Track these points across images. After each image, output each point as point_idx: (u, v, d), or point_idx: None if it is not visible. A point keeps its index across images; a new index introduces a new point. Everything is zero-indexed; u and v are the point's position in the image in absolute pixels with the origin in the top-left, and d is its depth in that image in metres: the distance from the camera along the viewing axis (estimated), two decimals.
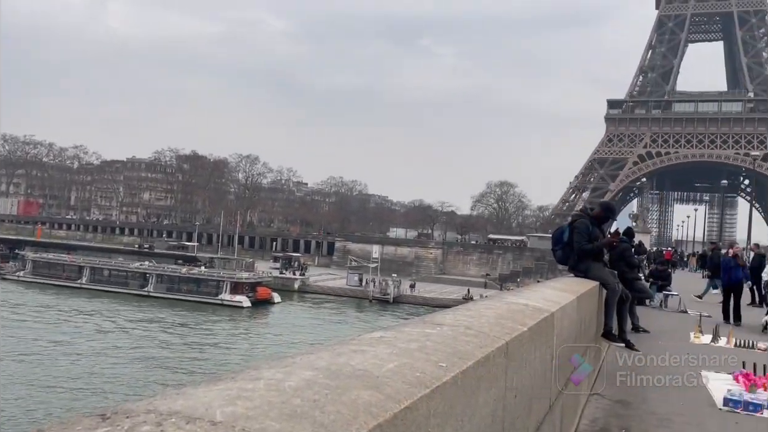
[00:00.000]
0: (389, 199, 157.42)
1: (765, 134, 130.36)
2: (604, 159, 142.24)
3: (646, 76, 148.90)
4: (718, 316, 13.59)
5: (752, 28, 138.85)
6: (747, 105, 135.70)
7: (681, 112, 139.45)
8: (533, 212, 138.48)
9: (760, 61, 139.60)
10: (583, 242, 7.78)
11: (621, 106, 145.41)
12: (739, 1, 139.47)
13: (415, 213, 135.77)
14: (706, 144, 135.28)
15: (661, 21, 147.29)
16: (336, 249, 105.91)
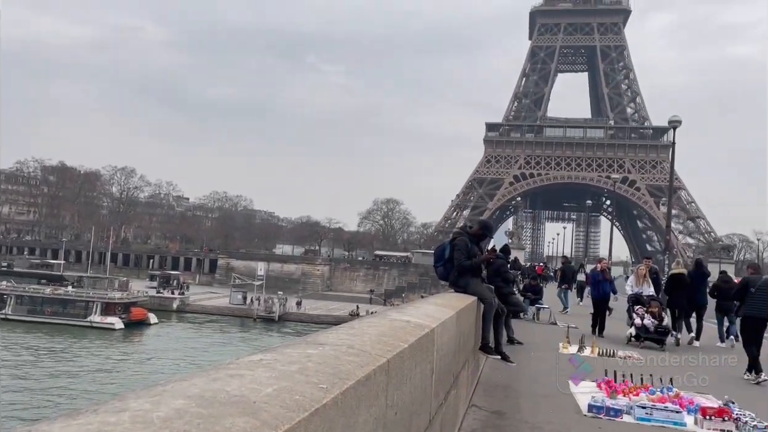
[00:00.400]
0: (276, 215, 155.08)
1: (623, 159, 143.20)
2: (483, 179, 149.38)
3: (521, 102, 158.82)
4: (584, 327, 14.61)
5: (613, 62, 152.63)
6: (608, 132, 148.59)
7: (551, 137, 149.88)
8: (418, 229, 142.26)
9: (619, 92, 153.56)
10: (463, 259, 8.07)
11: (498, 129, 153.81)
12: (601, 37, 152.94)
13: (302, 229, 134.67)
14: (573, 167, 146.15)
15: (533, 51, 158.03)
16: (219, 266, 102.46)
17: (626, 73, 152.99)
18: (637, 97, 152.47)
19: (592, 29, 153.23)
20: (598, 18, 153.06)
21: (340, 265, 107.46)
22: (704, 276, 15.52)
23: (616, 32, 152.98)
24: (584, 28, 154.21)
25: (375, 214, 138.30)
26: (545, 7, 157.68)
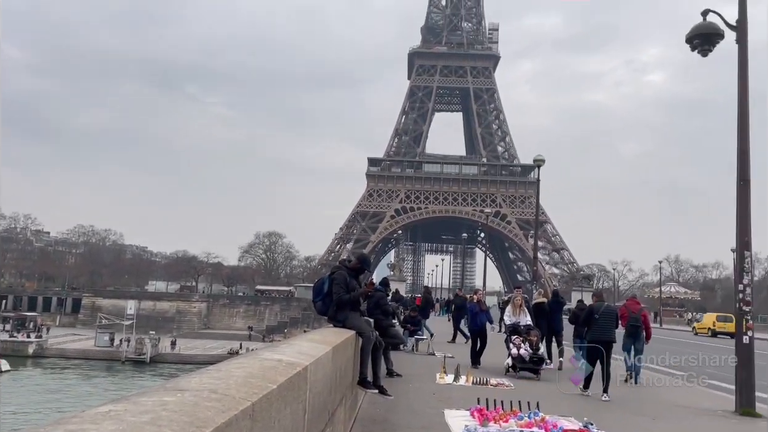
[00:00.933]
0: (149, 249, 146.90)
1: (495, 194, 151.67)
2: (365, 212, 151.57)
3: (401, 138, 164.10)
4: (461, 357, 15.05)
5: (484, 103, 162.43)
6: (481, 169, 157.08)
7: (430, 172, 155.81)
8: (301, 263, 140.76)
9: (491, 132, 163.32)
10: (342, 293, 8.08)
11: (380, 164, 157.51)
12: (474, 80, 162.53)
13: (177, 265, 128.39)
14: (450, 201, 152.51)
15: (412, 90, 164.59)
16: (83, 306, 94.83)
17: (497, 114, 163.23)
18: (507, 136, 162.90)
19: (465, 72, 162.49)
20: (471, 62, 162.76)
21: (218, 301, 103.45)
22: (560, 304, 17.06)
23: (487, 76, 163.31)
24: (458, 70, 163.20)
25: (257, 248, 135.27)
26: (423, 50, 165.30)
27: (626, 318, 13.58)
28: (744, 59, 10.48)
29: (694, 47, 10.79)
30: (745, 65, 10.47)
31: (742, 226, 9.89)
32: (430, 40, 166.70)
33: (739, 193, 9.98)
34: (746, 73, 10.47)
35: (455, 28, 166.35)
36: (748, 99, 10.49)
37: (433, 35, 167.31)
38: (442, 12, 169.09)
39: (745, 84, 10.44)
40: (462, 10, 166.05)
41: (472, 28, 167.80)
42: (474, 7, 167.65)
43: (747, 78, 10.50)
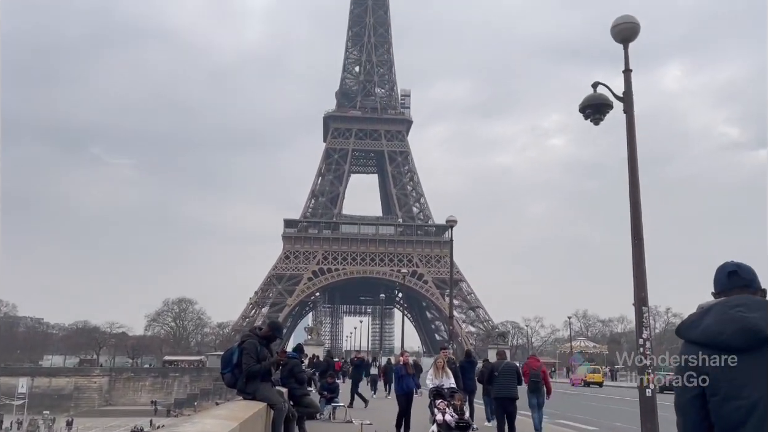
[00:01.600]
0: (45, 321, 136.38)
1: (411, 254, 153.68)
2: (282, 275, 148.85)
3: (318, 200, 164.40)
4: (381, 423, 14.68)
5: (399, 165, 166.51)
6: (397, 229, 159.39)
7: (347, 233, 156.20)
8: (213, 330, 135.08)
9: (405, 193, 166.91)
10: (252, 363, 7.77)
11: (296, 225, 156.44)
12: (388, 143, 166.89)
13: (77, 336, 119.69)
14: (367, 262, 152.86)
15: (328, 152, 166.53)
16: None
17: (411, 176, 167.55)
18: (421, 197, 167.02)
19: (380, 135, 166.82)
20: (385, 126, 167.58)
21: (122, 374, 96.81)
22: (472, 364, 17.88)
23: (400, 139, 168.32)
24: (373, 134, 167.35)
25: (165, 316, 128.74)
26: (338, 113, 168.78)
27: (528, 375, 14.50)
28: (631, 127, 11.35)
29: (586, 116, 11.59)
30: (633, 132, 11.33)
31: (639, 282, 10.45)
32: (345, 105, 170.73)
33: (634, 250, 10.59)
34: (634, 139, 11.33)
35: (369, 94, 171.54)
36: (637, 163, 11.31)
37: (347, 100, 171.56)
38: (356, 78, 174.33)
39: (633, 149, 11.28)
40: (375, 77, 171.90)
41: (385, 94, 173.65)
42: (386, 74, 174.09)
43: (635, 144, 11.36)
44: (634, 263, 10.57)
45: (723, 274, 2.91)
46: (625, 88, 11.41)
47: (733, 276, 2.87)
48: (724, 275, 2.90)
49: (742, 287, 2.82)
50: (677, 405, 2.72)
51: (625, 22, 11.39)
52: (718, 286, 2.90)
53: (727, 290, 2.84)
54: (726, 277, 2.88)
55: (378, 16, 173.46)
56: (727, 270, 2.91)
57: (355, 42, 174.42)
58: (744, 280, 2.85)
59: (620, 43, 11.54)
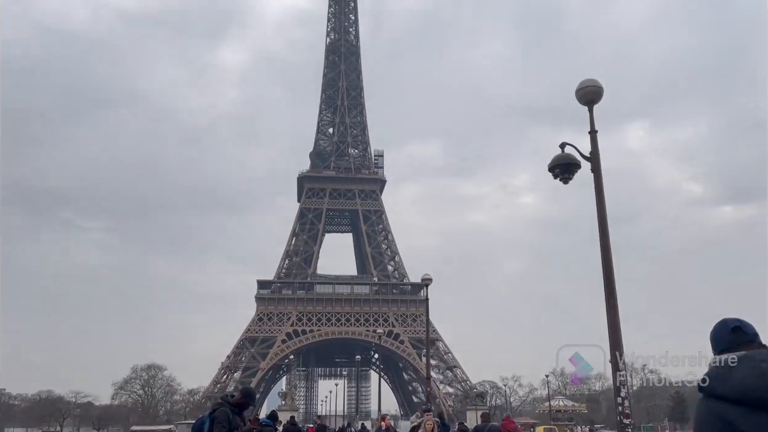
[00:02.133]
0: (6, 391, 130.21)
1: (388, 313, 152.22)
2: (255, 338, 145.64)
3: (292, 260, 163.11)
4: None
5: (373, 224, 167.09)
6: (373, 288, 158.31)
7: (321, 293, 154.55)
8: (183, 397, 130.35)
9: (380, 252, 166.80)
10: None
11: (270, 286, 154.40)
12: (362, 202, 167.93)
13: (40, 407, 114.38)
14: (343, 322, 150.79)
15: (302, 212, 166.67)
16: None
17: (385, 235, 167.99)
18: (396, 256, 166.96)
19: (354, 195, 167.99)
20: (359, 185, 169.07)
21: None
22: (446, 427, 17.84)
23: (374, 198, 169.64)
24: (347, 193, 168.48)
25: (133, 384, 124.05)
26: (312, 174, 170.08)
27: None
28: (599, 186, 11.62)
29: (555, 175, 11.86)
30: (601, 191, 11.59)
31: (614, 341, 10.46)
32: (319, 165, 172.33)
33: (609, 309, 10.65)
34: (603, 198, 11.57)
35: (343, 154, 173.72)
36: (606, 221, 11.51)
37: (321, 160, 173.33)
38: (330, 139, 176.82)
39: (602, 208, 11.50)
40: (348, 138, 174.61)
41: (359, 154, 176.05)
42: (360, 135, 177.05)
43: (604, 202, 11.59)
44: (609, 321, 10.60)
45: (726, 330, 2.88)
46: (592, 148, 11.74)
47: (738, 331, 2.85)
48: (728, 331, 2.87)
49: (747, 342, 2.80)
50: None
51: (589, 85, 11.86)
52: (723, 343, 2.85)
53: (733, 346, 2.79)
54: (730, 333, 2.86)
55: (351, 80, 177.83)
56: (730, 326, 2.89)
57: (328, 104, 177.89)
58: (748, 335, 2.84)
59: (585, 105, 11.97)
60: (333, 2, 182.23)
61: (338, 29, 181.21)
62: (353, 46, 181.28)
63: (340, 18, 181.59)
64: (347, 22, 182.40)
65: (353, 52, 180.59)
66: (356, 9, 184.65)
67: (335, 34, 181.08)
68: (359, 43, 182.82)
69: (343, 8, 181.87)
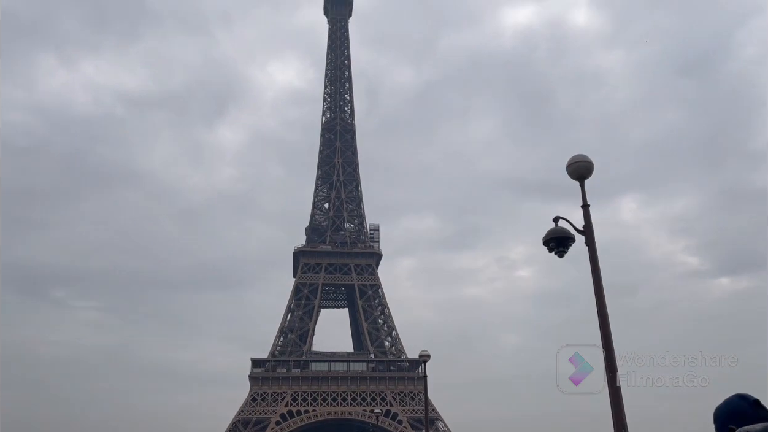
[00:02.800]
0: None
1: (385, 391, 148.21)
2: (248, 419, 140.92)
3: (287, 337, 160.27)
4: None
5: (369, 299, 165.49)
6: (369, 365, 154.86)
7: (317, 371, 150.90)
8: None
9: (377, 327, 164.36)
10: None
11: (264, 365, 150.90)
12: (358, 276, 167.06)
13: None
14: (339, 401, 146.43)
15: (298, 288, 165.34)
16: None
17: (382, 309, 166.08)
18: (393, 331, 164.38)
19: (350, 269, 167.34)
20: (355, 260, 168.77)
21: None
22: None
23: (370, 272, 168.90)
24: (343, 268, 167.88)
25: None
26: (307, 248, 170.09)
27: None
28: (594, 258, 11.68)
29: (550, 249, 11.93)
30: (596, 264, 11.64)
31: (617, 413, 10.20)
32: (315, 240, 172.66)
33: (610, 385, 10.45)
34: (598, 271, 11.60)
35: (338, 229, 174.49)
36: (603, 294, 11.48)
37: (317, 235, 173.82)
38: (326, 214, 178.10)
39: (598, 281, 11.51)
40: (344, 213, 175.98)
41: (355, 229, 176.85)
42: (355, 209, 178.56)
43: (600, 275, 11.61)
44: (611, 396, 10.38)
45: (747, 404, 2.91)
46: (585, 222, 11.88)
47: (759, 406, 2.90)
48: (749, 406, 2.89)
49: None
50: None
51: (579, 161, 12.13)
52: (744, 417, 2.85)
53: (754, 420, 2.82)
54: (752, 407, 2.89)
55: (346, 157, 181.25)
56: (751, 400, 2.93)
57: (324, 180, 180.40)
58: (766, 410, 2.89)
59: (576, 180, 12.20)
60: (329, 83, 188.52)
61: (334, 108, 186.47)
62: (348, 124, 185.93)
63: (336, 98, 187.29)
64: (342, 101, 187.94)
65: (348, 129, 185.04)
66: (351, 89, 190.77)
67: (331, 113, 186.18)
68: (354, 121, 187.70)
69: (339, 89, 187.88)
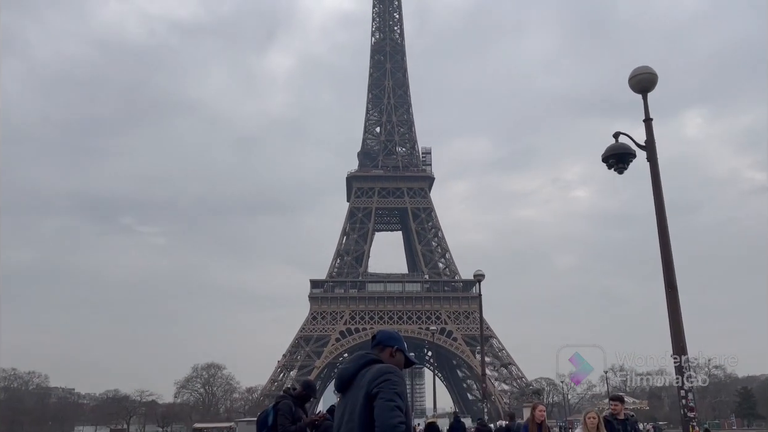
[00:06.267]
0: (76, 391, 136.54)
1: (440, 311, 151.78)
2: (309, 336, 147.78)
3: (343, 259, 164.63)
4: None
5: (423, 222, 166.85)
6: (424, 286, 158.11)
7: (373, 292, 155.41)
8: (242, 395, 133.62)
9: (430, 249, 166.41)
10: (287, 424, 7.75)
11: (322, 285, 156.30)
12: (411, 200, 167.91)
13: (107, 406, 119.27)
14: (395, 320, 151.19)
15: (352, 212, 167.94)
16: None
17: (435, 232, 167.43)
18: (447, 253, 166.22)
19: (402, 193, 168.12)
20: (407, 183, 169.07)
21: None
22: (460, 424, 20.70)
23: (423, 196, 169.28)
24: (395, 192, 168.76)
25: (194, 382, 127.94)
26: (360, 173, 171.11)
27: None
28: (656, 175, 11.36)
29: (610, 166, 11.66)
30: (658, 180, 11.33)
31: (676, 331, 10.23)
32: (367, 164, 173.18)
33: (669, 299, 10.42)
34: (660, 188, 11.31)
35: (390, 153, 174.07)
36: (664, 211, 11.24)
37: (369, 159, 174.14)
38: (377, 138, 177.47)
39: (660, 197, 11.25)
40: (396, 136, 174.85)
41: (407, 152, 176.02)
42: (407, 133, 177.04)
43: (661, 191, 11.33)
44: (670, 312, 10.37)
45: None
46: (647, 136, 11.49)
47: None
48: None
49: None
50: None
51: (643, 72, 11.60)
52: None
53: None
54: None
55: (396, 79, 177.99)
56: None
57: (375, 104, 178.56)
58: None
59: (639, 93, 11.71)
60: (377, 2, 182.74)
61: (383, 28, 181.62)
62: (398, 44, 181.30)
63: (385, 17, 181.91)
64: (392, 21, 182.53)
65: (398, 50, 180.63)
66: (401, 8, 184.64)
67: (380, 33, 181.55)
68: (404, 41, 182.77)
69: (387, 7, 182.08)
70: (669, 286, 10.45)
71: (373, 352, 3.40)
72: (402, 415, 2.91)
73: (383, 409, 2.91)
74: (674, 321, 10.27)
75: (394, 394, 2.99)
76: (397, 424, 2.88)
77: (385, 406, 2.92)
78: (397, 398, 2.97)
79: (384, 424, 2.87)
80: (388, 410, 2.92)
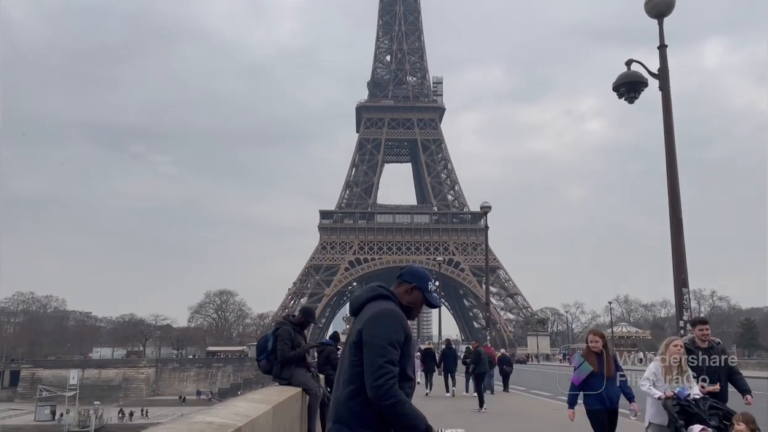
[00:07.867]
0: (93, 315, 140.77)
1: (447, 242, 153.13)
2: (319, 265, 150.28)
3: (352, 190, 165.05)
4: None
5: (432, 154, 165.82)
6: (432, 217, 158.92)
7: (382, 223, 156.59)
8: (254, 320, 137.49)
9: (440, 181, 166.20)
10: (286, 349, 7.88)
11: (332, 216, 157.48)
12: (421, 131, 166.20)
13: (124, 329, 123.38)
14: (403, 251, 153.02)
15: (361, 143, 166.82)
16: (22, 378, 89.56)
17: (445, 164, 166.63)
18: (456, 185, 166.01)
19: (412, 124, 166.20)
20: (417, 114, 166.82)
21: (167, 365, 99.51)
22: (452, 350, 22.84)
23: (433, 127, 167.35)
24: (405, 123, 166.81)
25: (207, 308, 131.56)
26: (370, 103, 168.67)
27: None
28: (668, 105, 11.01)
29: (620, 95, 11.29)
30: (669, 111, 10.99)
31: (678, 263, 10.18)
32: (377, 94, 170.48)
33: (673, 232, 10.32)
34: (671, 118, 10.99)
35: (401, 82, 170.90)
36: (674, 142, 10.97)
37: (379, 89, 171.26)
38: (387, 67, 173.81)
39: (670, 128, 10.95)
40: (406, 65, 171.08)
41: (417, 82, 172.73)
42: (418, 62, 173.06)
43: (672, 122, 11.01)
44: (673, 245, 10.30)
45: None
46: (661, 64, 11.07)
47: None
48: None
49: None
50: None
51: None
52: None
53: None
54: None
55: (408, 4, 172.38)
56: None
57: (385, 31, 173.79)
58: None
59: (654, 18, 11.19)
60: None
61: None
62: None
63: None
64: None
65: None
66: None
67: None
68: None
69: None
70: (674, 219, 10.33)
71: (394, 284, 3.30)
72: (389, 371, 2.77)
73: (369, 366, 2.81)
74: (677, 254, 10.21)
75: (382, 347, 2.86)
76: (382, 384, 2.81)
77: (371, 362, 2.83)
78: (385, 351, 2.84)
79: (370, 387, 2.80)
80: (375, 368, 2.82)
